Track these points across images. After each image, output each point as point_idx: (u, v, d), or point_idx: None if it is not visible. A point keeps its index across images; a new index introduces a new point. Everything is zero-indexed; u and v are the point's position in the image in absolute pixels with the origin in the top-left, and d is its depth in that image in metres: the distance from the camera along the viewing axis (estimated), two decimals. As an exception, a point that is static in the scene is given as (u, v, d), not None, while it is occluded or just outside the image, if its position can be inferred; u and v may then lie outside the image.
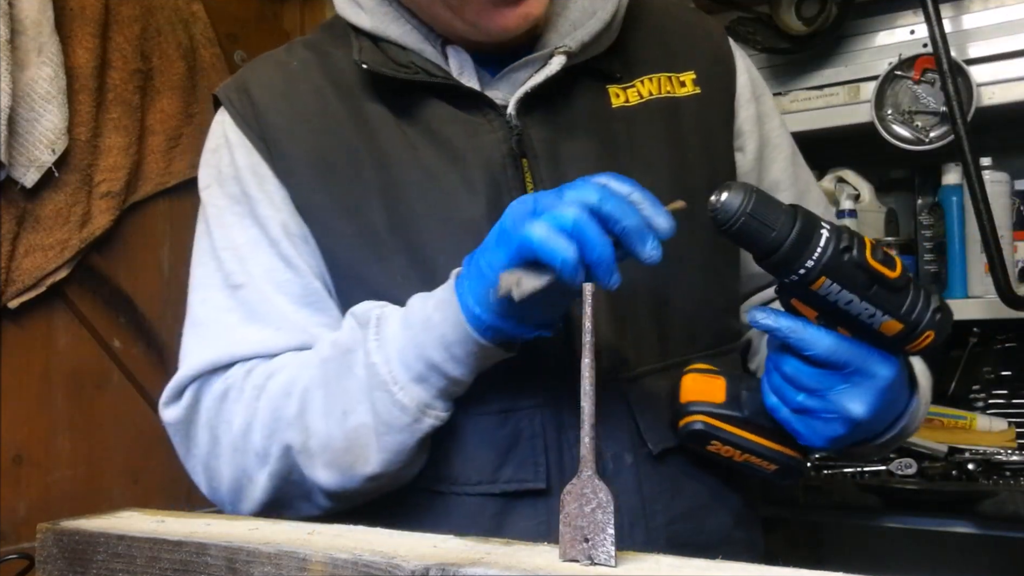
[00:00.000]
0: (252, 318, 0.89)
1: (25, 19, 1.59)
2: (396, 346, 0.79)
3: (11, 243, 1.63)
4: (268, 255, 0.89)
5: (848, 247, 0.73)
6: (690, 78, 0.95)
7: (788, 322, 0.77)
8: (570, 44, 0.88)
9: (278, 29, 2.31)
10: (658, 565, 0.57)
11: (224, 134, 0.93)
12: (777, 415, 0.81)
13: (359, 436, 0.81)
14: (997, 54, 1.77)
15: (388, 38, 0.90)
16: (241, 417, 0.86)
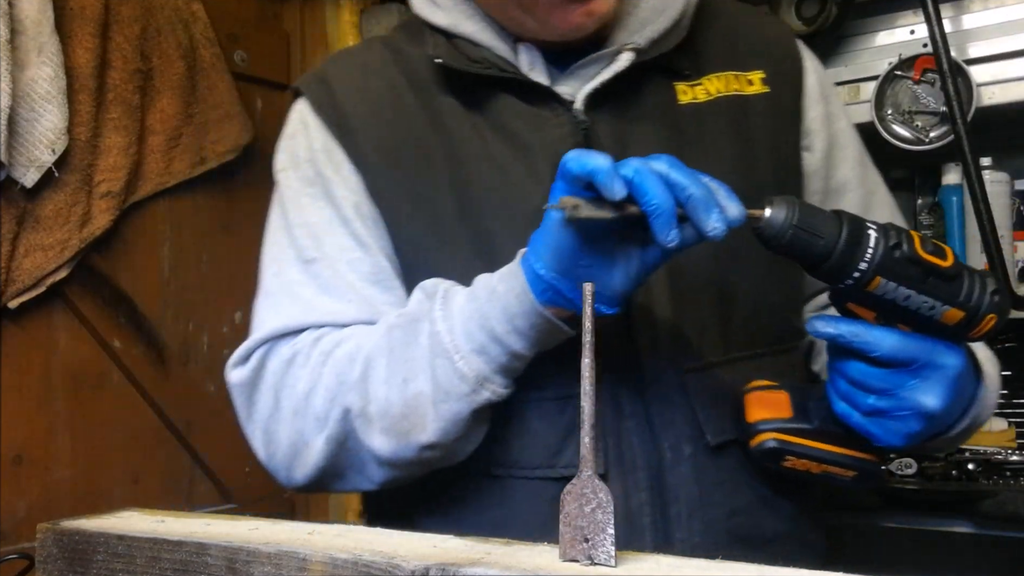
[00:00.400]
0: (324, 290, 0.91)
1: (25, 19, 1.59)
2: (461, 317, 0.81)
3: (11, 243, 1.63)
4: (341, 234, 0.92)
5: (898, 243, 0.73)
6: (758, 77, 0.96)
7: (849, 327, 0.77)
8: (638, 41, 0.90)
9: (278, 29, 2.31)
10: (658, 565, 0.57)
11: (302, 120, 0.98)
12: (849, 421, 0.80)
13: (418, 404, 0.82)
14: (997, 54, 1.77)
15: (462, 35, 0.93)
16: (305, 382, 0.87)
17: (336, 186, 0.94)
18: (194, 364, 2.04)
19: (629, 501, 0.86)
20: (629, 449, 0.87)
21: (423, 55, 0.95)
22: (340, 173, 0.94)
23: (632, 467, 0.86)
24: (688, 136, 0.92)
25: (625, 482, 0.86)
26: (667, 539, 0.87)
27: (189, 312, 2.03)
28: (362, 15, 2.44)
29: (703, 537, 0.87)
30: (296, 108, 1.00)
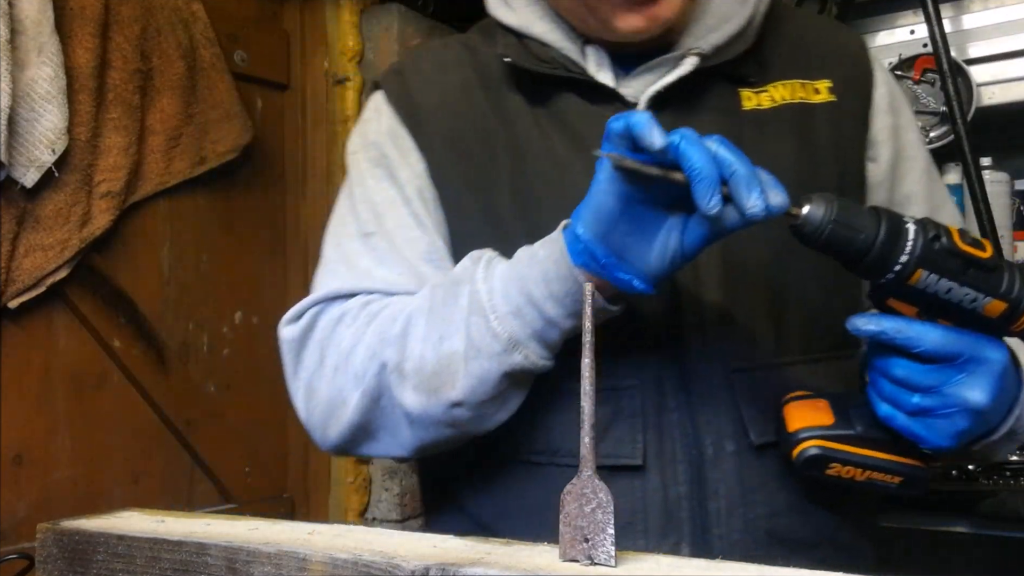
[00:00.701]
0: (379, 262, 0.95)
1: (25, 19, 1.59)
2: (501, 279, 0.82)
3: (11, 243, 1.63)
4: (401, 212, 0.96)
5: (937, 236, 0.72)
6: (825, 86, 0.97)
7: (891, 323, 0.76)
8: (703, 46, 0.92)
9: (278, 29, 2.31)
10: (658, 565, 0.57)
11: (376, 108, 1.02)
12: (894, 423, 0.79)
13: (451, 361, 0.83)
14: (997, 54, 1.77)
15: (532, 35, 0.95)
16: (349, 339, 0.89)
17: (400, 168, 0.97)
18: (194, 364, 2.04)
19: (667, 493, 0.87)
20: (670, 442, 0.88)
21: (495, 54, 0.98)
22: (406, 157, 0.97)
23: (672, 460, 0.87)
24: (748, 141, 0.92)
25: (664, 474, 0.87)
26: (704, 534, 0.87)
27: (189, 312, 2.03)
28: (362, 15, 2.44)
29: (742, 535, 0.87)
30: (372, 98, 1.04)
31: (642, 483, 0.87)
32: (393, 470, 2.41)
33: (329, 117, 2.39)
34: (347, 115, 2.40)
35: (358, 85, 2.42)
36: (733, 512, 0.88)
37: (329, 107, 2.39)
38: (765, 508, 0.88)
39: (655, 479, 0.87)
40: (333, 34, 2.41)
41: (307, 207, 2.35)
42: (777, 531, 0.89)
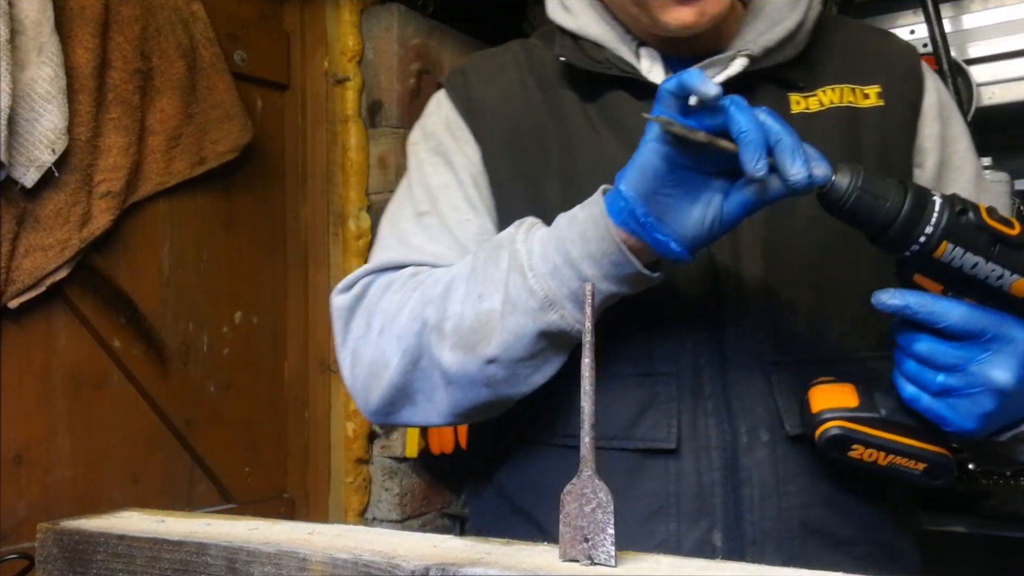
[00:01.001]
0: (431, 239, 0.98)
1: (25, 19, 1.59)
2: (540, 239, 0.85)
3: (11, 243, 1.63)
4: (455, 195, 1.00)
5: (964, 209, 0.72)
6: (874, 91, 0.98)
7: (915, 297, 0.76)
8: (753, 48, 0.94)
9: (278, 29, 2.31)
10: (658, 565, 0.57)
11: (437, 103, 1.08)
12: (918, 405, 0.79)
13: (488, 319, 0.85)
14: (997, 54, 1.77)
15: (588, 37, 0.99)
16: (395, 305, 0.92)
17: (456, 155, 1.02)
18: (194, 364, 2.04)
19: (700, 478, 0.88)
20: (704, 428, 0.89)
21: (552, 55, 1.02)
22: (462, 146, 1.02)
23: (706, 446, 0.89)
24: None
25: (698, 460, 0.89)
26: (738, 520, 0.88)
27: (189, 312, 2.03)
28: (362, 15, 2.45)
29: (775, 524, 0.88)
30: (435, 96, 1.10)
31: (676, 467, 0.88)
32: (393, 470, 2.42)
33: (329, 117, 2.39)
34: (347, 115, 2.40)
35: (358, 85, 2.42)
36: (766, 501, 0.88)
37: (329, 107, 2.39)
38: (799, 499, 0.89)
39: (689, 464, 0.88)
40: (333, 34, 2.41)
41: (307, 207, 2.35)
42: (812, 523, 0.89)
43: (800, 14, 0.97)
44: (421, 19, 2.50)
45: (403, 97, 2.43)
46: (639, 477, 0.89)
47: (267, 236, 2.24)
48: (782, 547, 0.88)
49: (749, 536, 0.87)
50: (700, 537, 0.88)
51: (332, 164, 2.40)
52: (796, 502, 0.89)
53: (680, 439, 0.88)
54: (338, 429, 2.39)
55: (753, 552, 0.87)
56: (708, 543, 0.88)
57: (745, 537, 0.87)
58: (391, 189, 2.43)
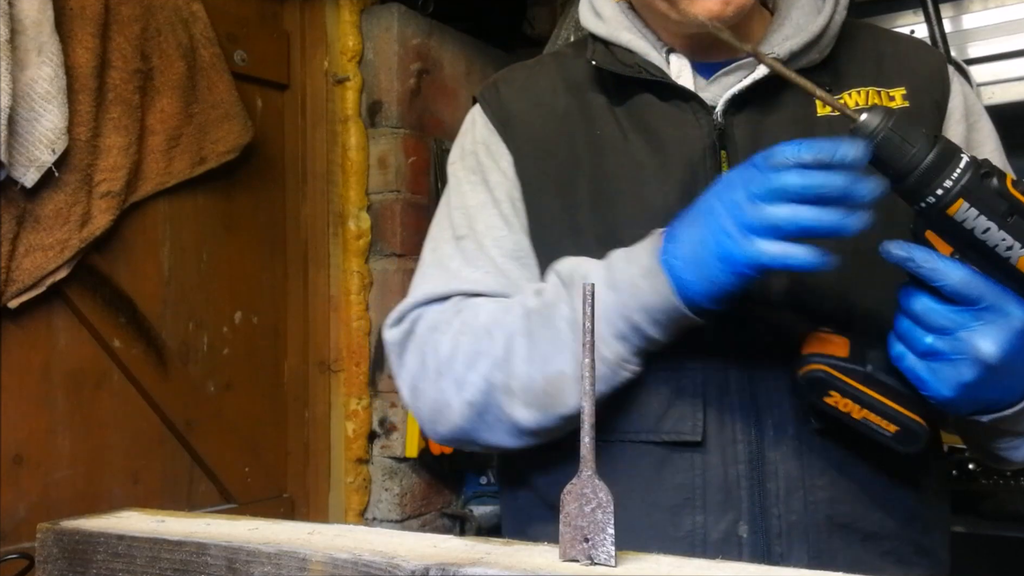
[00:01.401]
0: (468, 263, 1.02)
1: (25, 19, 1.59)
2: (601, 306, 0.85)
3: (11, 243, 1.63)
4: (491, 215, 1.03)
5: (988, 173, 0.72)
6: (900, 93, 1.00)
7: (920, 252, 0.77)
8: (779, 52, 0.96)
9: (278, 29, 2.31)
10: (658, 565, 0.57)
11: (473, 119, 1.11)
12: (902, 364, 0.80)
13: (560, 381, 0.89)
14: (997, 54, 1.77)
15: (619, 43, 1.01)
16: (447, 347, 0.96)
17: (492, 173, 1.05)
18: (194, 364, 2.04)
19: (726, 471, 0.90)
20: (730, 421, 0.90)
21: (583, 62, 1.05)
22: (497, 162, 1.05)
23: (732, 439, 0.90)
24: None
25: (724, 452, 0.90)
26: (764, 513, 0.90)
27: (189, 312, 2.03)
28: (362, 15, 2.45)
29: (801, 517, 0.89)
30: (471, 111, 1.13)
31: (702, 460, 0.90)
32: (393, 470, 2.42)
33: (329, 117, 2.39)
34: (347, 115, 2.40)
35: (358, 85, 2.42)
36: (792, 494, 0.90)
37: (329, 107, 2.39)
38: (826, 493, 0.90)
39: (714, 456, 0.90)
40: (333, 34, 2.41)
41: (307, 207, 2.35)
42: (839, 517, 0.90)
43: (825, 19, 0.99)
44: (421, 19, 2.50)
45: (403, 97, 2.43)
46: (666, 470, 0.91)
47: (267, 236, 2.24)
48: (808, 540, 0.89)
49: (775, 529, 0.89)
50: (726, 529, 0.89)
51: (332, 164, 2.40)
52: (823, 496, 0.90)
53: (706, 433, 0.90)
54: (338, 429, 2.39)
55: (779, 545, 0.89)
56: (734, 535, 0.89)
57: (771, 530, 0.89)
58: (391, 189, 2.43)
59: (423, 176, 2.47)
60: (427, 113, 2.50)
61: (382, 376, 2.42)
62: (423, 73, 2.50)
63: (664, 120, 0.99)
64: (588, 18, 1.06)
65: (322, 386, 2.37)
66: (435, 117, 2.53)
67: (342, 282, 2.38)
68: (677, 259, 0.82)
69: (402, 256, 2.41)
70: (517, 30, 2.80)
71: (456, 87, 2.61)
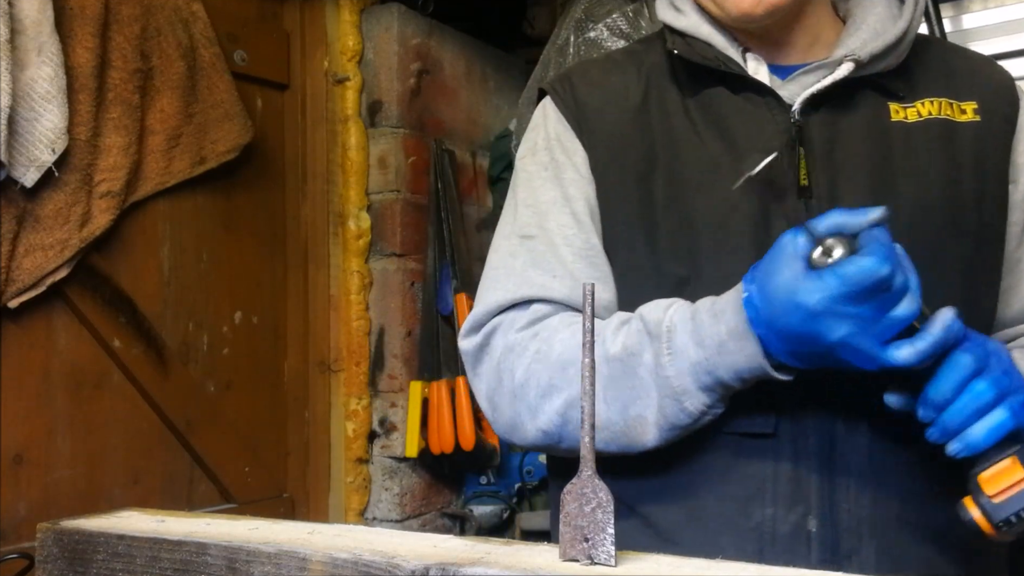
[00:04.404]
0: (535, 264, 1.01)
1: (25, 19, 1.59)
2: (688, 361, 0.88)
3: (11, 243, 1.63)
4: (563, 212, 1.03)
5: None
6: (971, 107, 1.01)
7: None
8: (860, 54, 0.97)
9: (278, 29, 2.31)
10: (658, 565, 0.57)
11: (544, 113, 1.09)
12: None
13: (639, 424, 0.91)
14: (997, 54, 1.77)
15: (699, 36, 1.02)
16: (521, 372, 0.98)
17: (566, 169, 1.04)
18: (194, 364, 2.04)
19: (798, 464, 0.91)
20: (801, 413, 0.91)
21: (658, 57, 1.06)
22: (571, 158, 1.04)
23: (803, 431, 0.91)
24: (896, 150, 0.98)
25: (795, 444, 0.91)
26: (832, 506, 0.90)
27: (189, 312, 2.03)
28: (362, 15, 2.45)
29: (872, 511, 0.90)
30: (540, 104, 1.12)
31: (773, 451, 0.91)
32: (393, 470, 2.42)
33: (329, 116, 2.39)
34: (347, 114, 2.40)
35: (358, 84, 2.42)
36: (863, 489, 0.91)
37: (329, 107, 2.39)
38: (898, 490, 0.91)
39: (786, 448, 0.91)
40: (333, 34, 2.41)
41: (307, 207, 2.35)
42: (908, 515, 0.91)
43: (904, 25, 1.00)
44: (421, 19, 2.50)
45: (403, 97, 2.43)
46: (738, 461, 0.92)
47: (267, 236, 2.24)
48: (876, 535, 0.90)
49: (845, 523, 0.90)
50: (796, 522, 0.90)
51: (332, 164, 2.40)
52: (893, 493, 0.91)
53: (778, 425, 0.91)
54: (338, 429, 2.39)
55: (848, 539, 0.90)
56: (803, 529, 0.90)
57: (840, 524, 0.90)
58: (391, 188, 2.43)
59: (423, 176, 2.47)
60: (427, 113, 2.51)
61: (382, 376, 2.42)
62: (423, 73, 2.50)
63: (740, 115, 0.99)
64: (665, 11, 1.06)
65: (322, 386, 2.37)
66: (435, 117, 2.53)
67: (342, 282, 2.38)
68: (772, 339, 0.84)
69: (402, 256, 2.41)
70: (517, 30, 2.80)
71: (456, 87, 2.61)
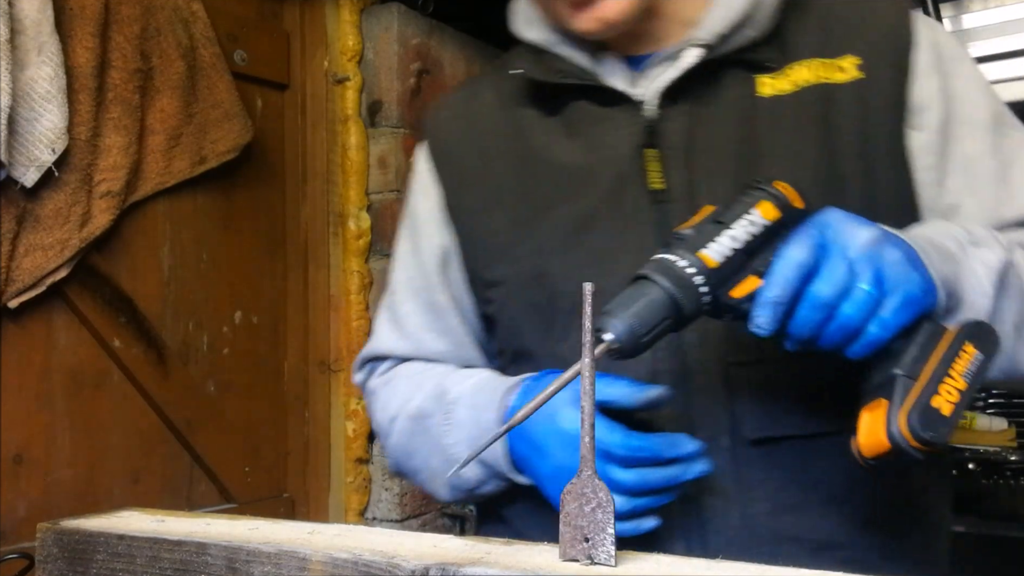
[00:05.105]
0: (392, 320, 1.11)
1: (25, 19, 1.59)
2: (464, 435, 0.95)
3: (11, 243, 1.63)
4: (412, 264, 1.09)
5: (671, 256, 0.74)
6: (852, 63, 0.93)
7: None
8: (704, 37, 0.91)
9: (278, 29, 2.31)
10: (658, 565, 0.57)
11: (418, 153, 1.12)
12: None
13: (436, 478, 1.01)
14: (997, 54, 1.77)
15: (548, 49, 0.98)
16: (376, 418, 1.11)
17: (420, 218, 1.08)
18: (194, 364, 2.04)
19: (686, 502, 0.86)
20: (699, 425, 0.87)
21: (519, 77, 1.02)
22: (428, 201, 1.07)
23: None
24: (762, 132, 0.91)
25: None
26: (701, 529, 0.87)
27: (189, 312, 2.03)
28: (362, 15, 2.44)
29: (739, 532, 0.86)
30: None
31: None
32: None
33: (329, 116, 2.39)
34: (347, 114, 2.40)
35: (358, 84, 2.42)
36: (730, 509, 0.86)
37: (329, 107, 2.39)
38: (766, 505, 0.87)
39: None
40: (333, 34, 2.41)
41: (307, 207, 2.35)
42: (784, 530, 0.87)
43: None
44: (421, 19, 2.50)
45: (403, 97, 2.43)
46: None
47: (267, 236, 2.24)
48: (751, 556, 0.81)
49: (713, 545, 0.85)
50: (666, 549, 0.84)
51: (332, 164, 2.39)
52: (763, 509, 0.86)
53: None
54: (338, 429, 2.39)
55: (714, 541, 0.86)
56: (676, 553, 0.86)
57: (708, 546, 0.85)
58: (391, 189, 2.43)
59: (423, 176, 2.47)
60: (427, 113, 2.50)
61: (382, 376, 2.42)
62: (423, 73, 2.50)
63: (598, 124, 0.96)
64: (519, 23, 1.02)
65: (322, 386, 2.37)
66: (435, 117, 2.52)
67: (342, 282, 2.38)
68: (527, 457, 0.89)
69: (402, 256, 2.41)
70: (517, 30, 2.80)
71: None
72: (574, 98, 0.98)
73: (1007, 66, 1.76)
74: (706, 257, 0.73)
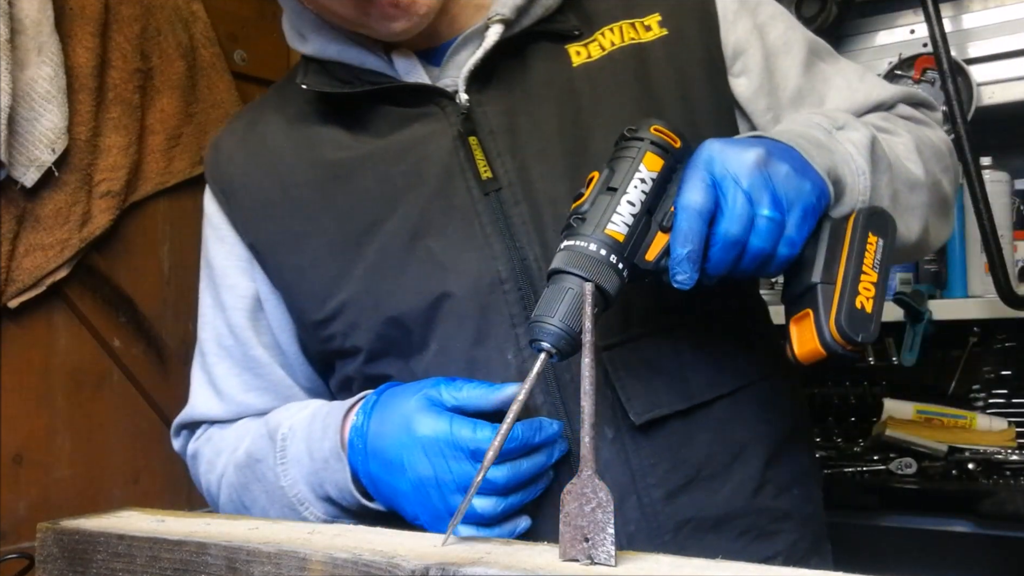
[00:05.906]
0: (208, 383, 1.02)
1: (25, 19, 1.59)
2: (301, 471, 0.88)
3: (11, 243, 1.63)
4: (219, 320, 1.00)
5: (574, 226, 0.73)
6: (655, 20, 0.92)
7: None
8: (502, 11, 0.87)
9: (278, 29, 2.30)
10: (658, 564, 0.57)
11: (205, 199, 1.02)
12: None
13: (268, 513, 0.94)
14: (997, 54, 1.77)
15: (330, 59, 0.92)
16: (203, 482, 1.06)
17: (217, 267, 0.98)
18: (194, 364, 2.04)
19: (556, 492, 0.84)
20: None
21: (309, 92, 0.94)
22: (223, 246, 0.98)
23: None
24: (583, 101, 0.89)
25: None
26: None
27: (189, 312, 2.02)
28: (362, 15, 2.44)
29: (639, 525, 0.84)
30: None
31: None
32: (393, 470, 2.41)
33: (329, 117, 2.39)
34: (347, 115, 2.40)
35: (358, 85, 2.42)
36: (626, 499, 0.84)
37: (329, 107, 2.39)
38: (661, 490, 0.85)
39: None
40: (333, 34, 2.41)
41: (307, 207, 2.35)
42: (679, 512, 0.85)
43: None
44: (421, 19, 2.49)
45: (403, 97, 2.43)
46: None
47: (267, 236, 2.24)
48: (656, 546, 0.83)
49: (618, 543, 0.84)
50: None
51: (332, 164, 2.39)
52: (657, 495, 0.85)
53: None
54: (338, 429, 2.38)
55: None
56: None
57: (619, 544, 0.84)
58: (391, 189, 2.43)
59: (423, 176, 2.47)
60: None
61: (382, 376, 2.41)
62: (423, 73, 2.50)
63: (409, 126, 0.89)
64: (291, 39, 0.96)
65: (322, 386, 2.37)
66: (435, 117, 2.52)
67: (342, 282, 2.38)
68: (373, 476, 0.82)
69: (402, 256, 2.40)
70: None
71: (456, 87, 2.60)
72: (373, 104, 0.91)
73: (1007, 66, 1.76)
74: (613, 233, 0.71)
